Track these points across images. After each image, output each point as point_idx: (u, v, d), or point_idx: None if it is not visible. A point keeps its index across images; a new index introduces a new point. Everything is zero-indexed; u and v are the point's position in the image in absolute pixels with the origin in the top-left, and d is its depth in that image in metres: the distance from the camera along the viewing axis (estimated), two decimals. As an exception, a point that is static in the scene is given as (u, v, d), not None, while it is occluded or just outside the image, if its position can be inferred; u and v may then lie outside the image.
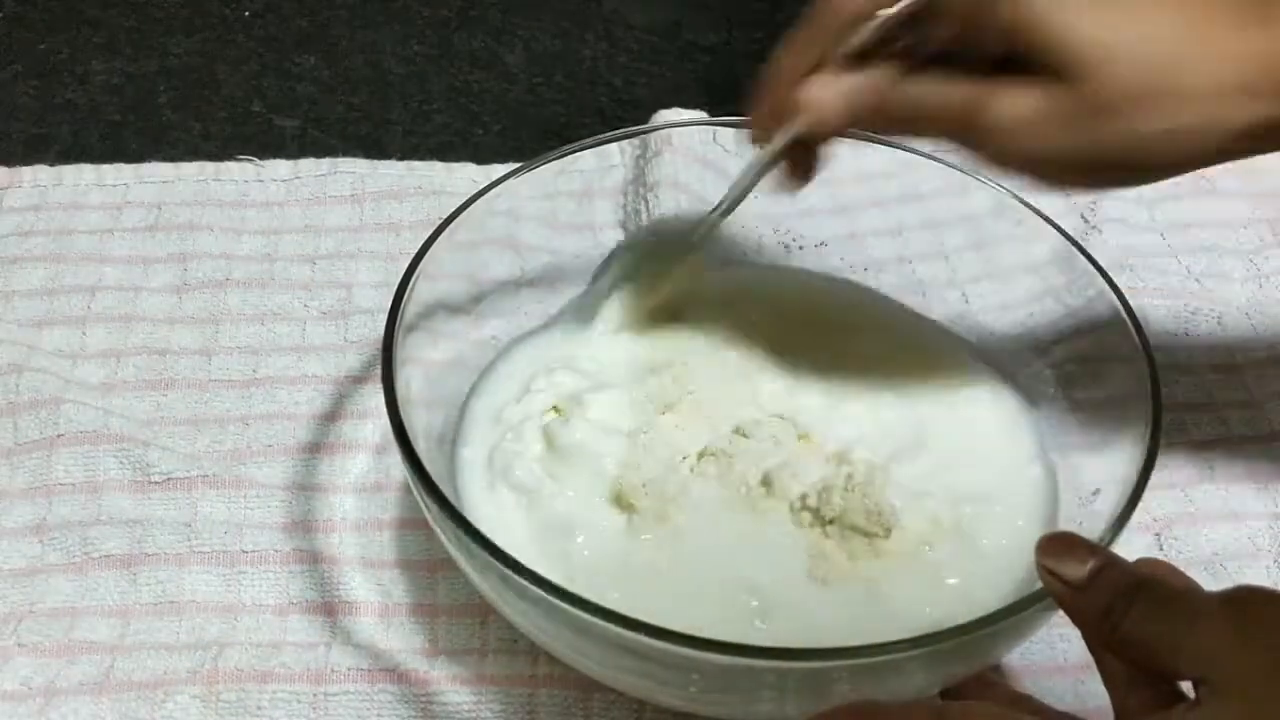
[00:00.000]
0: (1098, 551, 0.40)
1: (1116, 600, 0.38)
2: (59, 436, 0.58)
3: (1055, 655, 0.52)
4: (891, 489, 0.51)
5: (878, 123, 0.49)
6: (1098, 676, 0.41)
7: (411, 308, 0.51)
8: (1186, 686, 0.37)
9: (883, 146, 0.57)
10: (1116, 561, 0.39)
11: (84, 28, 0.86)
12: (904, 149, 0.58)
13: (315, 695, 0.50)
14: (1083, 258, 0.53)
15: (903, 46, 0.47)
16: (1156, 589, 0.38)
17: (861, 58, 0.47)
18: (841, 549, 0.49)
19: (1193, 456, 0.59)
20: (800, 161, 0.51)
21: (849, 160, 0.54)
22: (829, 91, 0.48)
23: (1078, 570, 0.39)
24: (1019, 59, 0.45)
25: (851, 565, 0.49)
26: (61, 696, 0.50)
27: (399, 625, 0.53)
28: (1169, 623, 0.36)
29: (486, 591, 0.46)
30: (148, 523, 0.55)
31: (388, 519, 0.56)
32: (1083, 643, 0.40)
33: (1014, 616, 0.42)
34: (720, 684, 0.43)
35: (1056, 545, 0.40)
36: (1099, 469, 0.50)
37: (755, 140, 0.51)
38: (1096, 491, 0.49)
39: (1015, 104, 0.45)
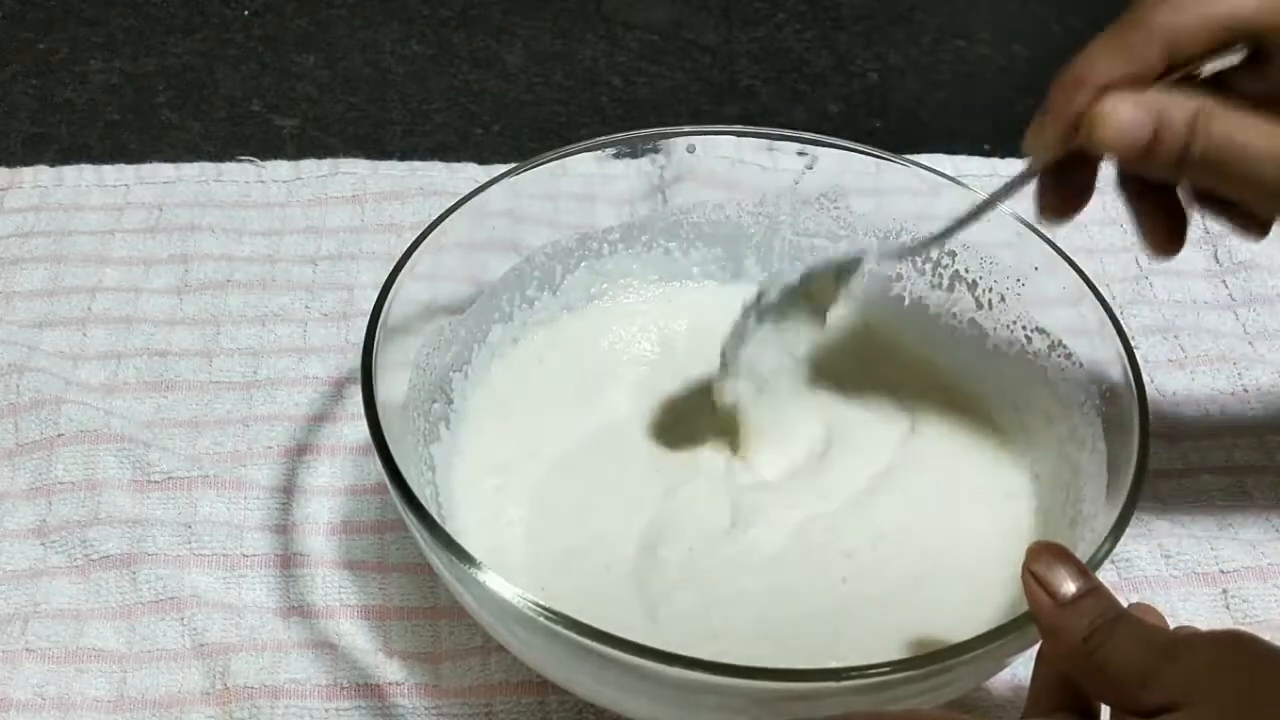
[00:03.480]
0: (1087, 575, 0.39)
1: (1098, 627, 0.37)
2: (59, 437, 0.58)
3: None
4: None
5: (1175, 158, 0.42)
6: None
7: (402, 310, 0.51)
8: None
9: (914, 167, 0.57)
10: (1103, 589, 0.39)
11: (83, 27, 0.86)
12: (924, 167, 0.57)
13: (327, 711, 0.50)
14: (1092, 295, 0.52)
15: (1212, 78, 0.42)
16: (1138, 624, 0.38)
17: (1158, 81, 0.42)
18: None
19: (1258, 518, 0.57)
20: (1071, 188, 0.46)
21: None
22: (1135, 108, 0.42)
23: (1065, 586, 0.39)
24: None
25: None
26: (76, 711, 0.50)
27: (405, 629, 0.53)
28: (1147, 654, 0.36)
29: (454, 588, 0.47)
30: (147, 523, 0.55)
31: (389, 521, 0.56)
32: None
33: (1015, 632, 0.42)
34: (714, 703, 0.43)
35: (1047, 555, 0.40)
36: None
37: (1029, 147, 0.46)
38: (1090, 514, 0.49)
39: None
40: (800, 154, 0.59)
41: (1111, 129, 0.42)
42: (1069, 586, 0.39)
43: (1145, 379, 0.49)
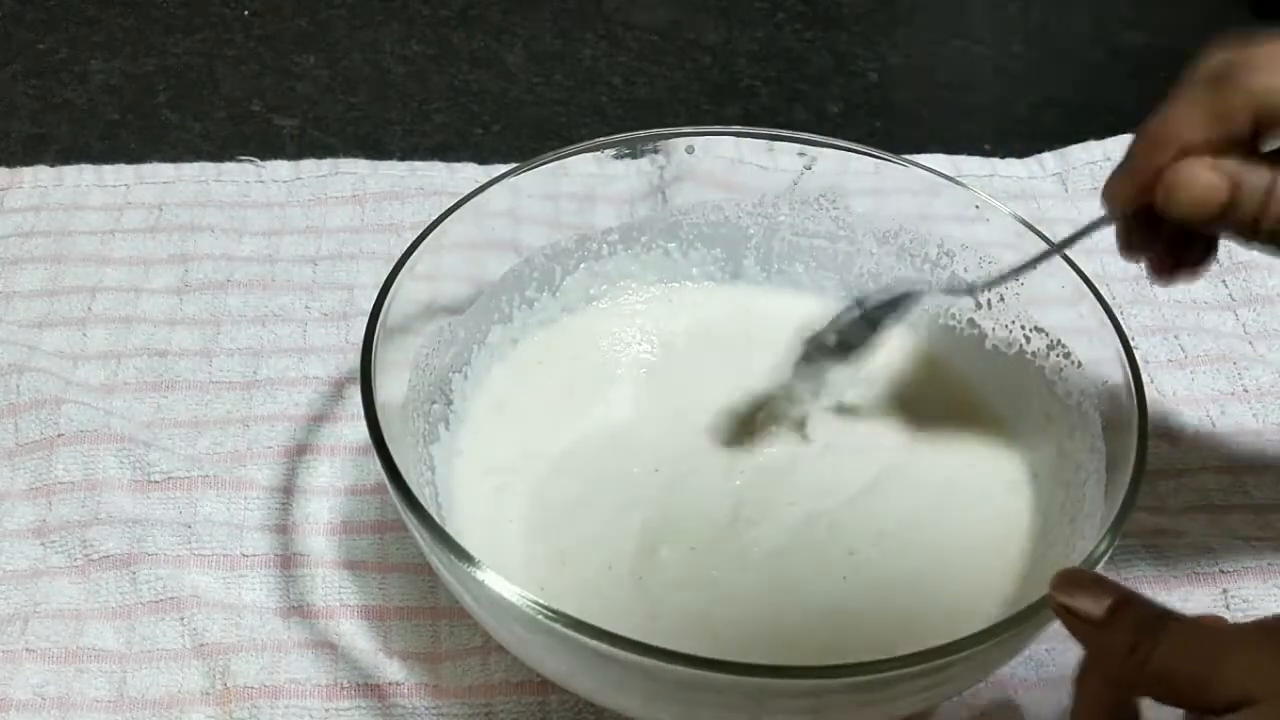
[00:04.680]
0: (1114, 588, 0.39)
1: (1142, 636, 0.37)
2: (59, 437, 0.58)
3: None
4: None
5: (1249, 225, 0.43)
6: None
7: (401, 310, 0.51)
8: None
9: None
10: (1134, 597, 0.38)
11: (82, 27, 0.86)
12: (924, 167, 0.57)
13: (327, 711, 0.50)
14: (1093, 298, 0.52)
15: None
16: (1183, 621, 0.37)
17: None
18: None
19: (1258, 518, 0.57)
20: (1184, 253, 0.46)
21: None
22: (1212, 176, 0.42)
23: (1096, 607, 0.38)
24: None
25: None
26: (76, 711, 0.50)
27: (405, 629, 0.53)
28: (1201, 653, 0.36)
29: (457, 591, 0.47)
30: (147, 523, 0.55)
31: (389, 521, 0.56)
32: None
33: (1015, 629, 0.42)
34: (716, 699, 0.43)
35: (1071, 582, 0.39)
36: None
37: (1106, 197, 0.46)
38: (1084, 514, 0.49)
39: None
40: (800, 154, 0.59)
41: (1187, 197, 0.43)
42: (1099, 607, 0.38)
43: (1145, 379, 0.49)
